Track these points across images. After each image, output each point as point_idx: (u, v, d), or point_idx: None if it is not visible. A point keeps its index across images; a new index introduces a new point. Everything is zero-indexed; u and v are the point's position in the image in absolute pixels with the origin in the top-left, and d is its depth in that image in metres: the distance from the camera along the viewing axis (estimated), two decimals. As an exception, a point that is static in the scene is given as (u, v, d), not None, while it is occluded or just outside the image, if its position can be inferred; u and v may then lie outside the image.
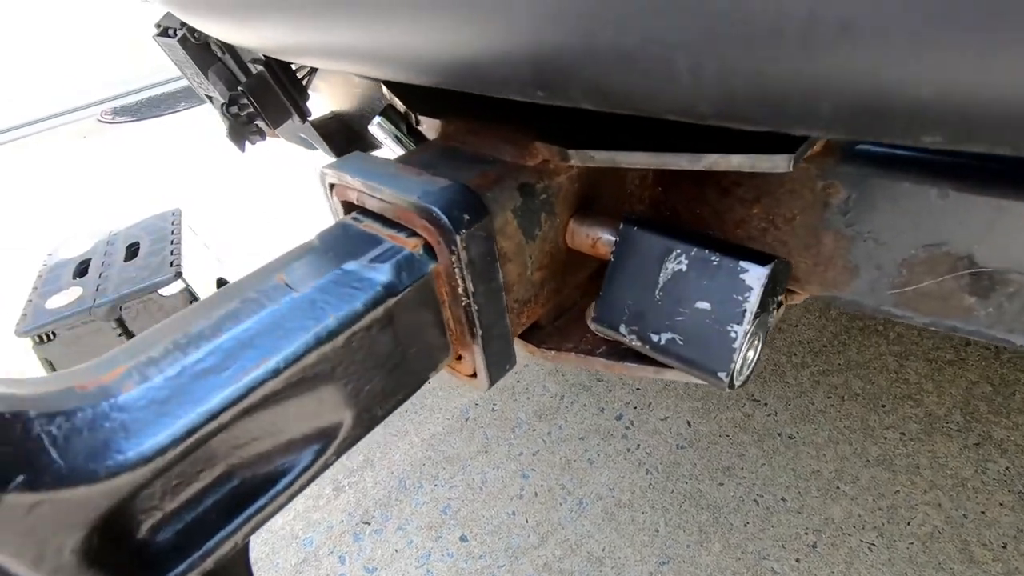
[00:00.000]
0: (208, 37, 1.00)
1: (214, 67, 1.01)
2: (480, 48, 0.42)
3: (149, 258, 1.98)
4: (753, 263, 0.49)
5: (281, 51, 0.65)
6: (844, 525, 1.56)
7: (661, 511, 1.71)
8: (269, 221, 3.13)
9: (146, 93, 5.04)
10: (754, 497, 1.69)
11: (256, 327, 0.46)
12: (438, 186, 0.52)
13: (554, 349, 0.65)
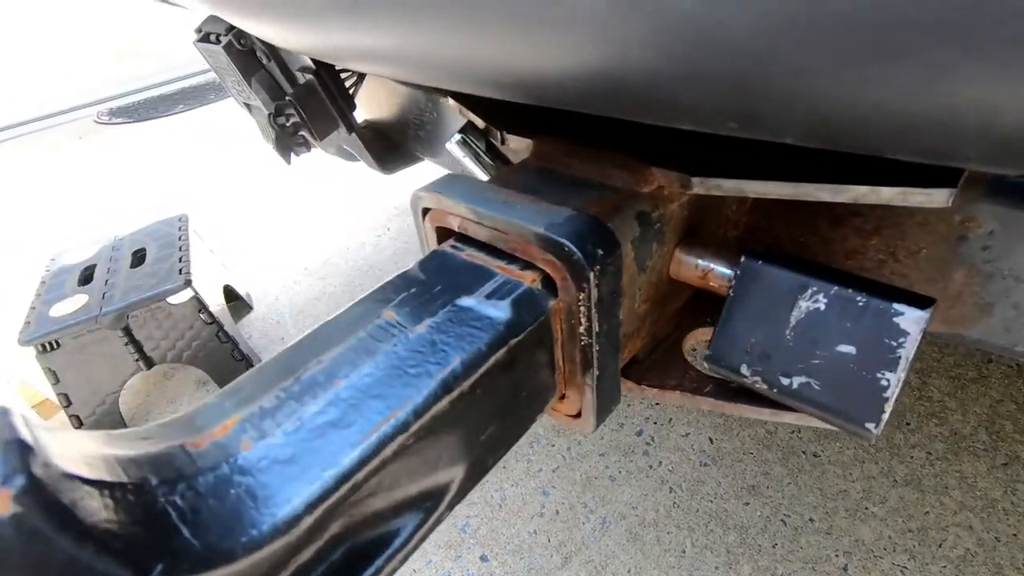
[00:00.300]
0: (254, 43, 0.94)
1: (258, 75, 0.96)
2: (624, 71, 0.38)
3: (156, 265, 1.90)
4: (909, 305, 0.45)
5: (354, 60, 0.61)
6: (875, 547, 1.54)
7: (687, 531, 1.68)
8: (274, 225, 3.06)
9: (143, 95, 4.92)
10: (781, 517, 1.66)
11: (376, 373, 0.41)
12: (563, 216, 0.48)
13: (656, 387, 0.61)
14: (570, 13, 0.34)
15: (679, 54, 0.32)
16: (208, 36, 0.96)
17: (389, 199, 3.11)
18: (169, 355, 1.89)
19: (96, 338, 1.74)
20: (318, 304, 2.47)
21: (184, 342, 1.89)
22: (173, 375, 2.18)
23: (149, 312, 1.81)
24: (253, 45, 0.95)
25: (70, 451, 0.29)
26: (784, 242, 0.64)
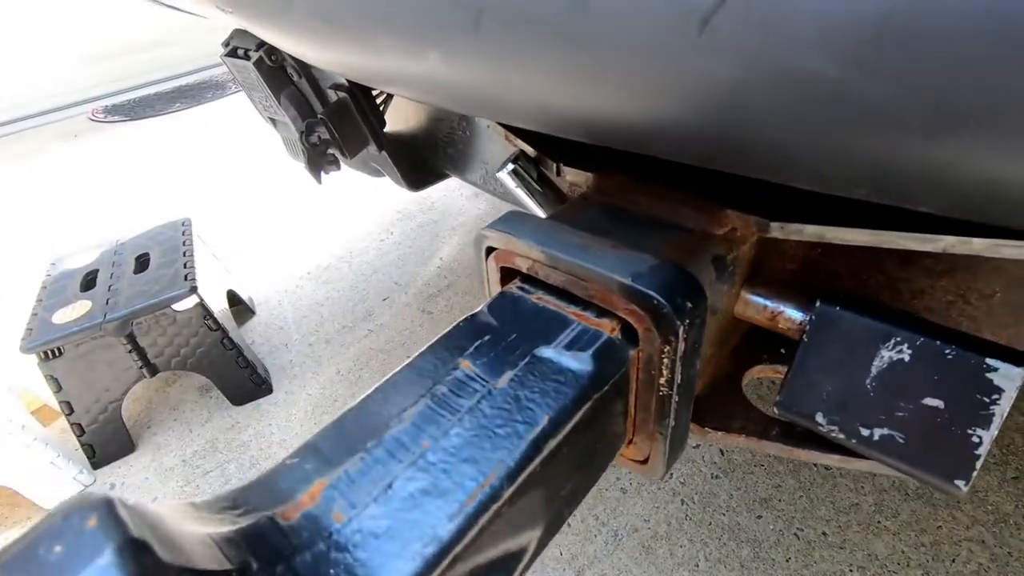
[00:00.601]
0: (285, 60, 0.92)
1: (287, 91, 0.93)
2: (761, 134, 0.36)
3: (161, 271, 1.86)
4: (1004, 361, 0.44)
5: (405, 88, 0.58)
6: (888, 562, 1.55)
7: (700, 545, 1.67)
8: (275, 229, 3.01)
9: (139, 92, 4.82)
10: (794, 531, 1.66)
11: (463, 433, 0.39)
12: (648, 265, 0.46)
13: (720, 430, 0.59)
14: (695, 69, 0.33)
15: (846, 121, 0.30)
16: (236, 51, 0.93)
17: (391, 203, 3.08)
18: (173, 362, 1.85)
19: (99, 345, 1.70)
20: (321, 309, 2.44)
21: (188, 349, 1.86)
22: (175, 382, 2.14)
23: (153, 319, 1.77)
24: (284, 62, 0.92)
25: (172, 536, 0.27)
26: (844, 278, 0.63)
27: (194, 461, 1.86)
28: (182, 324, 1.81)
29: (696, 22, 0.30)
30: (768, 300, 0.56)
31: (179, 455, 1.88)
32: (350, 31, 0.51)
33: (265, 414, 2.01)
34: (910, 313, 0.49)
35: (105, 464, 1.82)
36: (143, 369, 1.81)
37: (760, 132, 0.33)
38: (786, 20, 0.27)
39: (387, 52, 0.49)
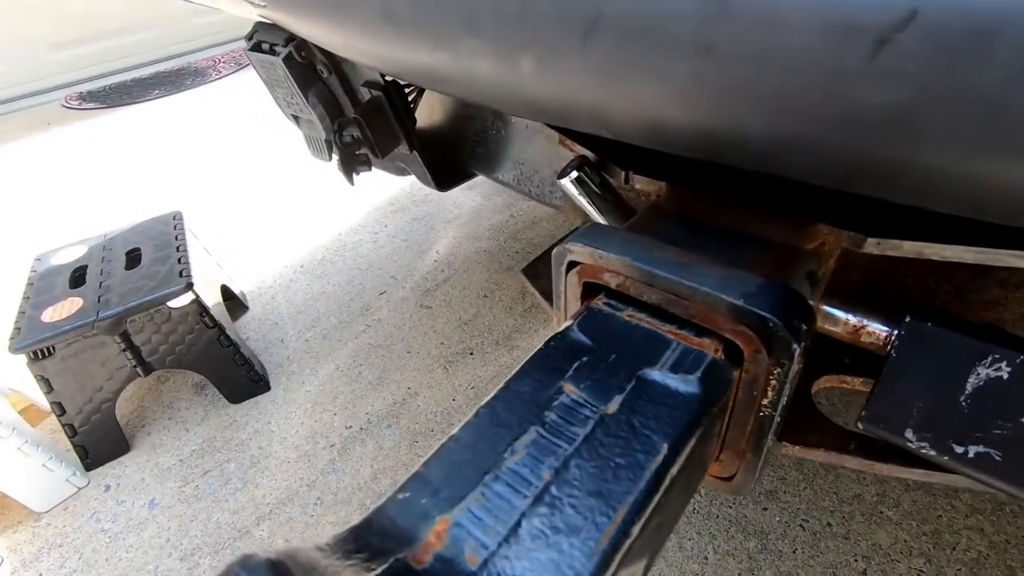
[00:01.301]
0: (315, 56, 0.87)
1: (315, 88, 0.88)
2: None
3: (154, 266, 1.79)
4: (1108, 381, 0.44)
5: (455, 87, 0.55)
6: (891, 551, 1.59)
7: (708, 537, 1.69)
8: (266, 222, 2.93)
9: (114, 78, 4.61)
10: (799, 522, 1.69)
11: (584, 465, 0.37)
12: (756, 284, 0.44)
13: (799, 443, 0.59)
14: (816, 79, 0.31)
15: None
16: (261, 45, 0.88)
17: (384, 195, 3.02)
18: (168, 360, 1.80)
19: (91, 344, 1.64)
20: (316, 304, 2.38)
21: (184, 347, 1.80)
22: (168, 380, 2.07)
23: (148, 316, 1.71)
24: (313, 58, 0.87)
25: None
26: (910, 288, 0.62)
27: (192, 460, 1.81)
28: (177, 321, 1.75)
29: (870, 42, 0.28)
30: (851, 314, 0.55)
31: (176, 455, 1.83)
32: (427, 33, 0.48)
33: (264, 412, 1.96)
34: (1003, 330, 0.49)
35: (99, 465, 1.76)
36: (137, 368, 1.74)
37: (920, 158, 0.31)
38: (987, 45, 0.25)
39: (470, 56, 0.46)
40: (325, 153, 0.95)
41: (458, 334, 2.23)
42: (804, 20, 0.30)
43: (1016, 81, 0.26)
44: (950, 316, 0.49)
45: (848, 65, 0.30)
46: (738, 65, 0.33)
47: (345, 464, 1.79)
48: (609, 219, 0.65)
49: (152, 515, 1.63)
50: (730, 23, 0.31)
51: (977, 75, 0.26)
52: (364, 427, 1.91)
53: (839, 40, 0.29)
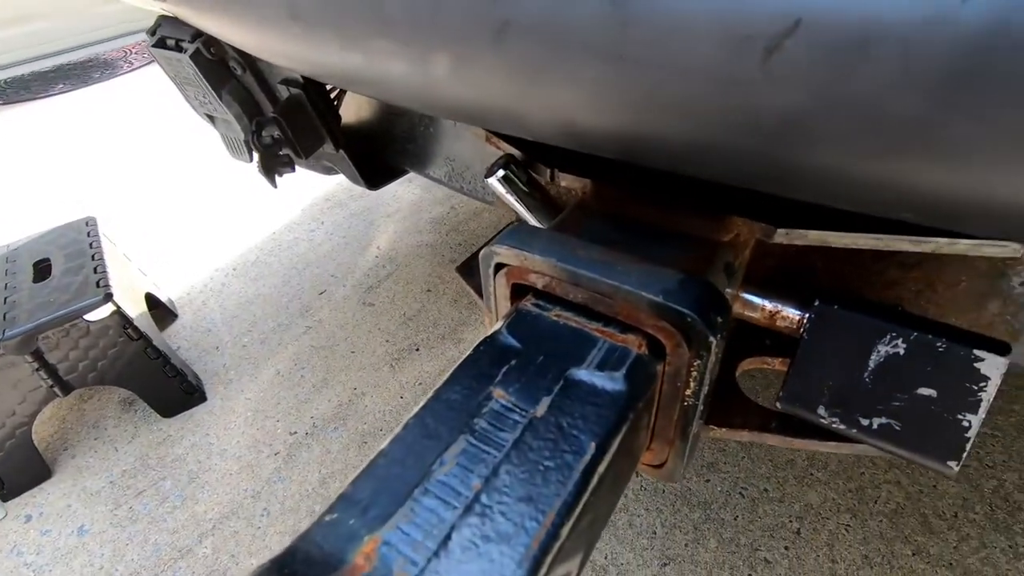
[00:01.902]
0: (226, 52, 0.82)
1: (229, 87, 0.83)
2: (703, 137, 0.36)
3: (67, 278, 1.67)
4: (989, 351, 0.48)
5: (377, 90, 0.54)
6: (822, 509, 1.70)
7: (656, 512, 1.76)
8: (191, 224, 2.78)
9: (11, 72, 4.20)
10: (739, 490, 1.78)
11: (512, 469, 0.37)
12: (676, 281, 0.46)
13: (724, 426, 0.61)
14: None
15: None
16: (165, 41, 0.82)
17: (318, 191, 2.93)
18: (90, 377, 1.68)
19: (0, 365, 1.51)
20: (252, 307, 2.29)
21: (107, 362, 1.69)
22: (91, 398, 1.95)
23: (63, 332, 1.59)
24: (225, 54, 0.82)
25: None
26: (821, 272, 0.66)
27: (123, 481, 1.71)
28: (98, 335, 1.64)
29: (761, 49, 0.29)
30: (767, 300, 0.58)
31: (105, 477, 1.72)
32: (336, 33, 0.46)
33: (200, 424, 1.87)
34: (902, 309, 0.53)
35: (17, 495, 1.64)
36: (55, 388, 1.63)
37: (813, 158, 0.33)
38: (864, 52, 0.27)
39: (382, 57, 0.45)
40: (245, 154, 0.90)
41: (403, 330, 2.20)
42: (702, 29, 0.30)
43: (890, 86, 0.28)
44: (855, 298, 0.53)
45: (743, 72, 0.31)
46: (641, 71, 0.33)
47: (291, 472, 1.74)
48: (537, 217, 0.66)
49: (82, 543, 1.53)
50: (631, 31, 0.32)
51: (856, 80, 0.28)
52: (310, 432, 1.86)
53: (734, 48, 0.30)
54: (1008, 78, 0.25)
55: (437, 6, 0.39)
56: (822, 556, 1.59)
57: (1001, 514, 1.56)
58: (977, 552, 1.50)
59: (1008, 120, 0.26)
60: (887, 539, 1.61)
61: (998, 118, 0.26)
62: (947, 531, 1.60)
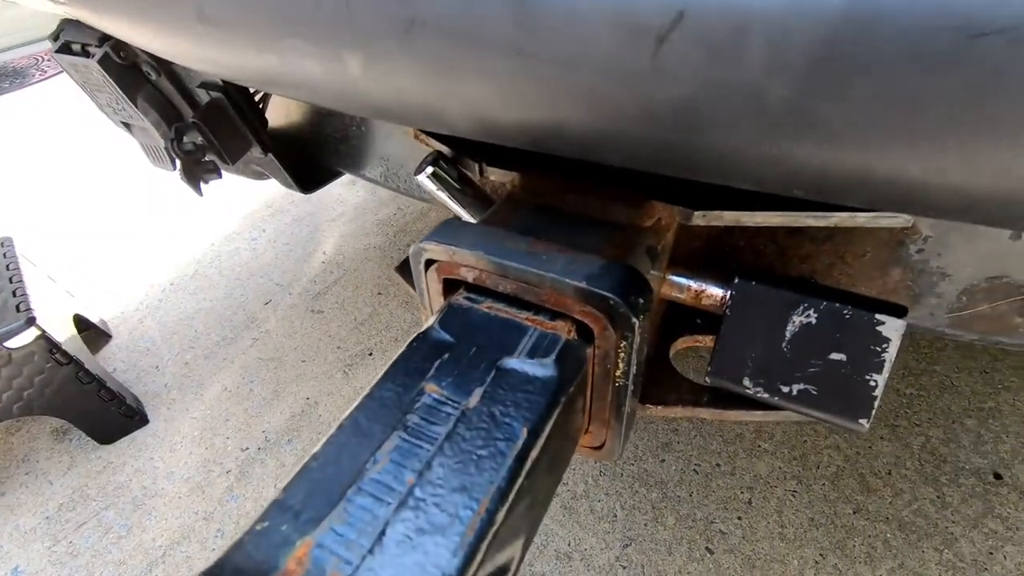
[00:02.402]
0: (138, 56, 0.78)
1: (144, 92, 0.79)
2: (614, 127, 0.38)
3: (-18, 304, 1.57)
4: (889, 315, 0.52)
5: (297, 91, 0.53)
6: (770, 479, 1.79)
7: (615, 496, 1.80)
8: (124, 238, 2.65)
9: None
10: (693, 467, 1.85)
11: (446, 461, 0.38)
12: (599, 267, 0.47)
13: (659, 404, 0.64)
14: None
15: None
16: (70, 46, 0.77)
17: (259, 197, 2.83)
18: (16, 408, 1.59)
19: (-90, 405, 1.41)
20: (194, 322, 2.21)
21: (34, 390, 1.60)
22: (18, 430, 1.83)
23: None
24: (136, 58, 0.78)
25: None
26: (742, 249, 0.70)
27: (61, 516, 1.62)
28: (21, 363, 1.55)
29: (651, 41, 0.30)
30: (690, 280, 0.61)
31: (40, 512, 1.63)
32: (246, 33, 0.45)
33: (144, 447, 1.79)
34: (813, 281, 0.56)
35: (-60, 542, 1.52)
36: (-24, 422, 1.52)
37: (707, 143, 0.35)
38: (740, 41, 0.28)
39: (295, 57, 0.44)
40: (167, 162, 0.87)
41: (354, 336, 2.16)
42: (595, 23, 0.32)
43: (766, 72, 0.30)
44: (771, 273, 0.56)
45: (637, 63, 0.32)
46: (542, 65, 0.34)
47: (245, 489, 1.69)
48: (471, 211, 0.66)
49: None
50: (529, 27, 0.33)
51: (736, 68, 0.29)
52: (262, 446, 1.81)
53: (626, 40, 0.32)
54: (866, 60, 0.28)
55: (346, 4, 0.39)
56: (772, 523, 1.67)
57: (929, 467, 1.68)
58: (910, 505, 1.61)
59: (870, 99, 0.29)
60: (830, 500, 1.70)
61: (861, 98, 0.29)
62: (883, 488, 1.71)
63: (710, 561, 1.56)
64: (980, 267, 0.60)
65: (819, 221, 0.52)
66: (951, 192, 0.31)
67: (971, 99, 0.27)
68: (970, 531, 1.54)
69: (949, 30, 0.26)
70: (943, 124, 0.28)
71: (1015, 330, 0.62)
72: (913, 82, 0.27)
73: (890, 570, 1.49)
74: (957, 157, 0.29)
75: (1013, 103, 0.27)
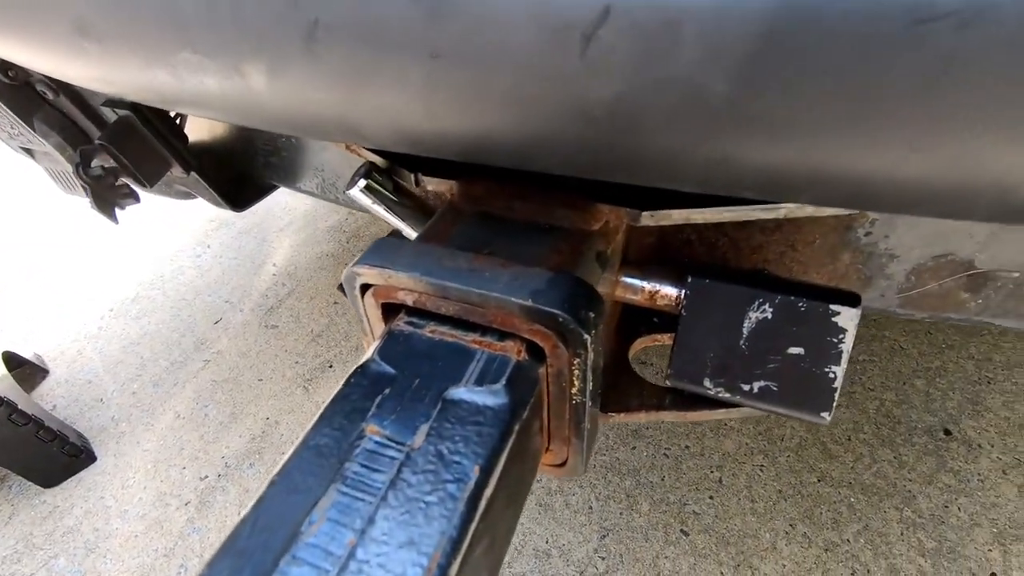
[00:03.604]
0: (30, 75, 0.70)
1: (42, 114, 0.71)
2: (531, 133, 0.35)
3: None
4: (843, 304, 0.51)
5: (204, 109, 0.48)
6: (738, 456, 1.82)
7: (590, 488, 1.80)
8: (55, 265, 2.48)
9: None
10: (663, 452, 1.87)
11: (391, 514, 0.34)
12: (545, 281, 0.44)
13: (622, 411, 0.61)
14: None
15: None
16: None
17: (201, 211, 2.70)
18: (-57, 461, 1.46)
19: None
20: (138, 349, 2.09)
21: (-37, 439, 1.48)
22: (-49, 482, 1.70)
23: None
24: (29, 77, 0.70)
25: None
26: (695, 244, 0.68)
27: (5, 569, 1.51)
28: (-59, 411, 1.43)
29: (578, 39, 0.27)
30: (644, 281, 0.59)
31: (-18, 569, 1.51)
32: (135, 48, 0.40)
33: (93, 487, 1.69)
34: (767, 273, 0.55)
35: None
36: None
37: (646, 144, 0.32)
38: (672, 35, 0.26)
39: (192, 72, 0.39)
40: (79, 188, 0.79)
41: (312, 348, 2.09)
42: (515, 22, 0.29)
43: (706, 69, 0.27)
44: (724, 269, 0.55)
45: (565, 63, 0.29)
46: (460, 69, 0.31)
47: (207, 520, 1.61)
48: (412, 224, 0.62)
49: (-39, 650, 1.34)
50: (443, 27, 0.29)
51: (667, 65, 0.27)
52: (222, 473, 1.73)
53: (553, 39, 0.29)
54: (807, 51, 0.25)
55: (237, 11, 0.35)
56: (743, 498, 1.70)
57: (885, 430, 1.73)
58: (869, 468, 1.66)
59: (814, 93, 0.27)
60: (795, 471, 1.74)
61: (805, 92, 0.26)
62: (844, 454, 1.76)
63: (686, 543, 1.57)
64: (926, 246, 0.60)
65: (768, 214, 0.50)
66: (904, 187, 0.30)
67: (920, 89, 0.25)
68: (926, 487, 1.60)
69: (892, 17, 0.24)
70: (892, 116, 0.27)
71: (962, 306, 0.62)
72: (858, 73, 0.25)
73: (856, 533, 1.53)
74: (908, 150, 0.27)
75: (964, 92, 0.25)
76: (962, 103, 0.25)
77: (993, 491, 1.57)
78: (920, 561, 1.45)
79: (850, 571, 1.45)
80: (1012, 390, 1.82)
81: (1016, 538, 1.46)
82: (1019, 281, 0.58)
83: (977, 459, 1.65)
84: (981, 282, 0.60)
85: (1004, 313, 0.61)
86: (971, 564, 1.42)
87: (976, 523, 1.50)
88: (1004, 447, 1.67)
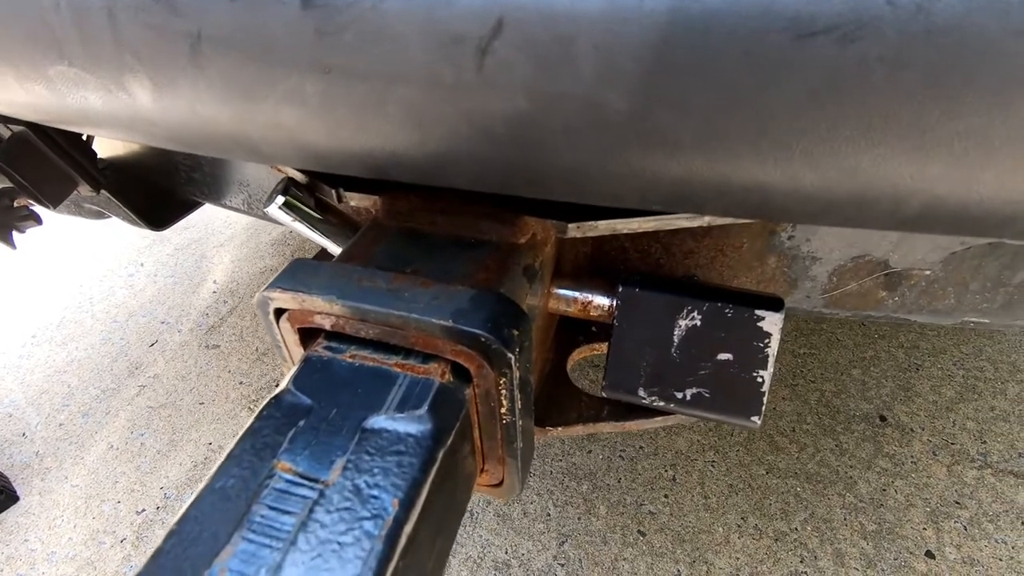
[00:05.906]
0: None
1: None
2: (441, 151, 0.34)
3: None
4: (767, 309, 0.52)
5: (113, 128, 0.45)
6: (690, 453, 1.85)
7: (547, 495, 1.80)
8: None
9: None
10: (619, 454, 1.88)
11: (300, 558, 0.32)
12: (467, 299, 0.42)
13: (560, 425, 0.61)
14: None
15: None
16: None
17: (132, 228, 2.56)
18: None
19: None
20: (65, 377, 1.96)
21: None
22: None
23: None
24: None
25: None
26: (629, 251, 0.68)
27: (-83, 628, 1.38)
28: None
29: (473, 52, 0.26)
30: (576, 292, 0.58)
31: None
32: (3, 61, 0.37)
33: (15, 529, 1.57)
34: (696, 280, 0.56)
35: None
36: None
37: (551, 160, 0.31)
38: (566, 49, 0.25)
39: (68, 87, 0.36)
40: (-27, 212, 0.72)
41: (258, 367, 2.01)
42: (407, 34, 0.27)
43: (603, 83, 0.27)
44: (654, 277, 0.55)
45: (462, 77, 0.28)
46: (360, 84, 0.29)
47: (145, 556, 1.51)
48: (336, 241, 0.60)
49: None
50: (333, 40, 0.28)
51: (563, 79, 0.26)
52: (161, 505, 1.64)
53: (447, 53, 0.28)
54: (700, 65, 0.25)
55: (113, 21, 0.32)
56: (696, 495, 1.73)
57: (826, 419, 1.80)
58: (813, 457, 1.72)
59: (712, 107, 0.26)
60: (745, 465, 1.79)
61: (703, 106, 0.26)
62: (789, 445, 1.82)
63: (643, 543, 1.58)
64: (845, 248, 0.62)
65: (692, 222, 0.51)
66: (804, 198, 0.30)
67: (807, 102, 0.25)
68: (865, 472, 1.67)
69: (776, 31, 0.24)
70: (783, 129, 0.27)
71: (881, 303, 0.65)
72: (747, 87, 0.25)
73: (803, 521, 1.58)
74: (802, 163, 0.28)
75: (850, 105, 0.26)
76: (848, 116, 0.26)
77: (925, 472, 1.65)
78: (862, 544, 1.50)
79: (799, 559, 1.50)
80: (939, 375, 1.92)
81: (947, 515, 1.54)
82: (931, 279, 0.61)
83: (910, 442, 1.74)
84: (896, 280, 0.62)
85: (919, 309, 0.64)
86: (908, 543, 1.48)
87: (911, 504, 1.58)
88: (933, 429, 1.77)
